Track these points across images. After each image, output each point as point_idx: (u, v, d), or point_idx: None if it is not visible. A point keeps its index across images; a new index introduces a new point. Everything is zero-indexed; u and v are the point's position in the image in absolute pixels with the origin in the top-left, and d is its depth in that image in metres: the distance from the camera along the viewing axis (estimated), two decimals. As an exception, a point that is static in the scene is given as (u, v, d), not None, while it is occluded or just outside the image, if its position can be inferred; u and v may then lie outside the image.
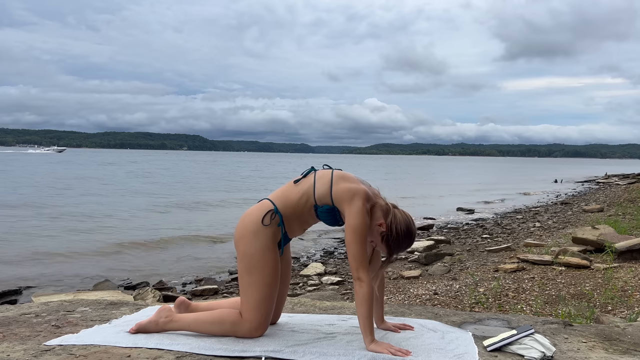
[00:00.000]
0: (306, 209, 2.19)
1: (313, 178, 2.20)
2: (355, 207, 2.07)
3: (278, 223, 2.19)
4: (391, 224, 2.12)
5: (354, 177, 2.21)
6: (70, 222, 13.09)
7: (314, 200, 2.16)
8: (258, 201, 2.29)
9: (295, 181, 2.24)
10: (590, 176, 44.37)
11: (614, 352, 2.14)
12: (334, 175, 2.19)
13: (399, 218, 2.15)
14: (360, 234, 2.05)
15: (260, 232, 2.15)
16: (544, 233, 10.39)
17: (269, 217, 2.17)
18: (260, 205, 2.24)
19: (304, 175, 2.25)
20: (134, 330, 2.22)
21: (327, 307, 2.85)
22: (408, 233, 2.15)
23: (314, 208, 2.17)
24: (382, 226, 2.14)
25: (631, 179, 31.12)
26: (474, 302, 4.71)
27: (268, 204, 2.22)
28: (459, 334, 2.29)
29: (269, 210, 2.18)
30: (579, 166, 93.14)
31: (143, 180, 32.85)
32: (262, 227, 2.16)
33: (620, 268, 5.48)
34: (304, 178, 2.24)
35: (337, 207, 2.13)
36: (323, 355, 1.95)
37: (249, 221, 2.19)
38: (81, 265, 8.58)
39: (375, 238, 2.17)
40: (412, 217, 2.23)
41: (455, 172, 61.46)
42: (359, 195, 2.10)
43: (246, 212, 2.26)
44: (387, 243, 2.15)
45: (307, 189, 2.19)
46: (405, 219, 2.16)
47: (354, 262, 2.04)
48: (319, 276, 7.65)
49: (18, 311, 2.64)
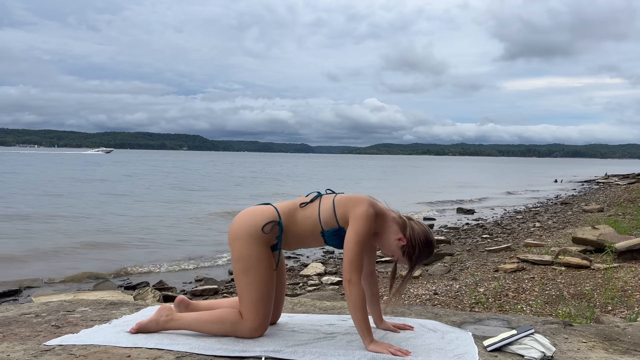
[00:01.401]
0: (310, 234, 2.18)
1: (318, 205, 2.19)
2: (359, 211, 2.08)
3: (277, 235, 2.19)
4: (411, 237, 2.13)
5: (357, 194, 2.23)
6: (76, 223, 13.11)
7: (321, 226, 2.15)
8: (259, 204, 2.28)
9: (301, 204, 2.22)
10: (590, 176, 44.38)
11: (614, 352, 2.14)
12: (336, 197, 2.20)
13: (417, 230, 2.15)
14: (362, 238, 2.05)
15: (256, 236, 2.15)
16: (544, 233, 10.39)
17: (270, 226, 2.16)
18: (264, 210, 2.21)
19: (311, 200, 2.23)
20: (134, 330, 2.21)
21: (327, 307, 2.85)
22: (428, 243, 2.15)
23: (321, 234, 2.17)
24: (402, 240, 2.14)
25: (631, 179, 31.12)
26: (474, 302, 4.71)
27: (273, 212, 2.19)
28: (459, 334, 2.29)
29: (273, 221, 2.17)
30: (579, 166, 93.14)
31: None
32: (260, 232, 2.15)
33: (620, 268, 5.48)
34: (310, 203, 2.22)
35: (343, 227, 2.12)
36: (323, 355, 1.95)
37: (248, 223, 2.17)
38: (81, 265, 8.57)
39: (396, 253, 2.17)
40: (427, 226, 2.23)
41: (454, 171, 61.44)
42: (362, 201, 2.12)
43: (245, 212, 2.24)
44: (409, 257, 2.15)
45: (312, 216, 2.17)
46: (423, 229, 2.17)
47: (348, 265, 2.03)
48: (319, 276, 7.65)
49: (18, 311, 2.64)
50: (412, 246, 2.13)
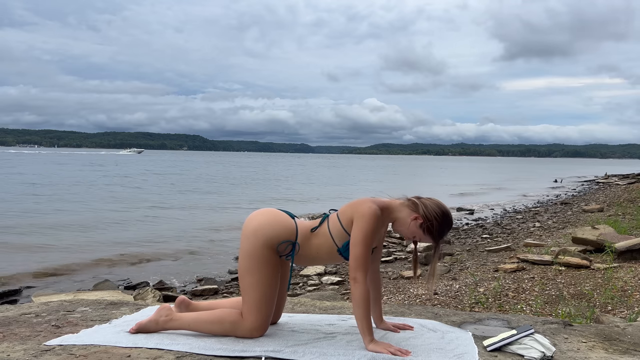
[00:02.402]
0: (327, 255, 2.20)
1: (327, 227, 2.19)
2: (362, 209, 2.08)
3: (289, 253, 2.20)
4: (426, 213, 2.13)
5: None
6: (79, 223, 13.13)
7: (335, 244, 2.16)
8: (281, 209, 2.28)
9: (312, 229, 2.21)
10: (590, 176, 44.36)
11: (614, 352, 2.14)
12: (339, 210, 2.21)
13: (429, 204, 2.15)
14: (367, 236, 2.05)
15: (271, 245, 2.16)
16: (544, 233, 10.39)
17: (285, 246, 2.18)
18: (287, 225, 2.20)
19: (320, 223, 2.23)
20: (134, 330, 2.22)
21: (327, 307, 2.85)
22: (444, 214, 2.15)
23: (337, 252, 2.17)
24: (418, 219, 2.14)
25: (631, 179, 31.10)
26: (474, 302, 4.71)
27: (293, 231, 2.19)
28: (459, 334, 2.29)
29: (290, 241, 2.18)
30: (578, 166, 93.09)
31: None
32: (274, 244, 2.16)
33: (620, 268, 5.48)
34: (319, 227, 2.22)
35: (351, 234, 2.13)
36: (323, 355, 1.95)
37: (267, 229, 2.17)
38: (81, 264, 8.57)
39: (417, 232, 2.16)
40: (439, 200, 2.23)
41: (455, 171, 61.41)
42: (365, 201, 2.13)
43: (267, 215, 2.23)
44: (429, 232, 2.14)
45: (324, 237, 2.18)
46: (435, 202, 2.18)
47: (354, 263, 2.04)
48: (319, 276, 7.65)
49: (18, 311, 2.64)
50: (429, 221, 2.12)
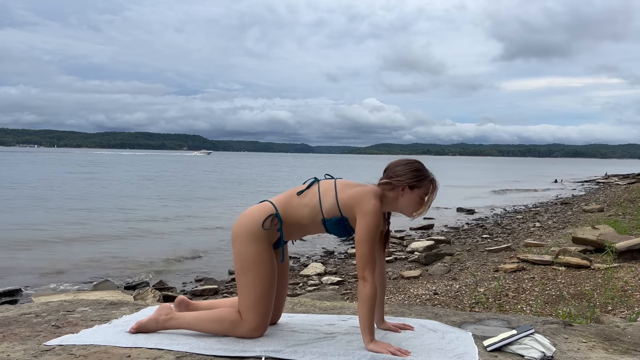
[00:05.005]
0: (311, 222, 2.18)
1: (317, 191, 2.18)
2: (366, 207, 2.06)
3: (278, 228, 2.19)
4: (403, 180, 2.13)
5: (358, 183, 2.21)
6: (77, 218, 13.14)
7: (322, 214, 2.14)
8: (259, 202, 2.29)
9: (299, 192, 2.21)
10: (590, 176, 44.35)
11: (614, 352, 2.14)
12: (337, 184, 2.18)
13: (395, 169, 2.16)
14: (372, 234, 2.04)
15: (257, 234, 2.15)
16: (544, 233, 10.39)
17: (269, 221, 2.16)
18: (262, 207, 2.22)
19: (308, 187, 2.22)
20: (133, 329, 2.21)
21: (327, 307, 2.85)
22: (410, 164, 2.16)
23: (322, 222, 2.16)
24: (403, 190, 2.14)
25: (631, 179, 31.08)
26: (474, 302, 4.71)
27: (270, 207, 2.20)
28: (459, 334, 2.29)
29: (270, 215, 2.17)
30: (578, 166, 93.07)
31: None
32: (261, 229, 2.15)
33: (620, 268, 5.48)
34: (308, 189, 2.21)
35: (346, 217, 2.12)
36: (323, 355, 1.95)
37: (248, 221, 2.18)
38: (81, 264, 8.57)
39: (412, 198, 2.15)
40: (393, 161, 2.24)
41: (455, 171, 61.37)
42: (367, 195, 2.10)
43: (245, 212, 2.25)
44: (417, 185, 2.14)
45: (312, 203, 2.16)
46: (394, 164, 2.18)
47: (360, 262, 2.04)
48: (319, 276, 7.65)
49: (18, 311, 2.64)
50: (410, 180, 2.13)
